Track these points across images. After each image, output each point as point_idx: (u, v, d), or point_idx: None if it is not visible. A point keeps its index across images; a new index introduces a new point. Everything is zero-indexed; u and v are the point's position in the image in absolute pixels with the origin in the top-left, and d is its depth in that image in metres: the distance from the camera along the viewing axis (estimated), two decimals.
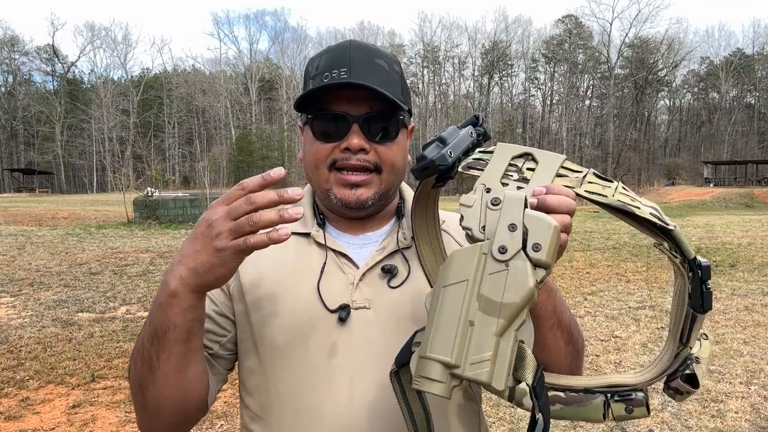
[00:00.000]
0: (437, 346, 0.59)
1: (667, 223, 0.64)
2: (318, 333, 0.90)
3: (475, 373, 0.57)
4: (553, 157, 0.71)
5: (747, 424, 3.66)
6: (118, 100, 65.76)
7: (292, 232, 0.99)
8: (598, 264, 9.70)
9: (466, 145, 0.73)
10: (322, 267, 0.94)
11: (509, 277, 0.59)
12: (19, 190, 52.31)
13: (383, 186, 0.94)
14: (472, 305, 0.59)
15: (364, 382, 0.89)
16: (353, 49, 0.91)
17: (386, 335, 0.90)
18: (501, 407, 3.89)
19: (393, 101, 0.89)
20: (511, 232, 0.60)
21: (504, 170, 0.69)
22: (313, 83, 0.90)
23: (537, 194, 0.66)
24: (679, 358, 0.71)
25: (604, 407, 0.71)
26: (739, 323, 5.97)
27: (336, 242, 0.97)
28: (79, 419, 3.81)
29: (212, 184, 21.33)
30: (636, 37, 63.02)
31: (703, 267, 0.65)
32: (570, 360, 0.88)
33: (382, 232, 1.00)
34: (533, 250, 0.59)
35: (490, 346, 0.58)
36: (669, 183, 47.26)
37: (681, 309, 0.69)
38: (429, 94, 72.21)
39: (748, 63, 65.06)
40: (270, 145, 64.27)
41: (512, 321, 0.59)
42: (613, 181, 0.68)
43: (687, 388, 0.71)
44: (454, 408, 0.95)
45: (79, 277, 8.70)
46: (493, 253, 0.60)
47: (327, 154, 0.91)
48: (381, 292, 0.93)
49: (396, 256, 0.96)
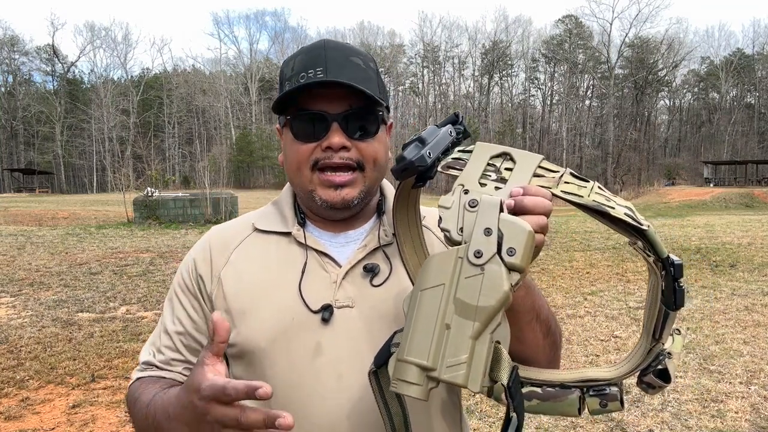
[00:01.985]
0: (414, 349, 0.60)
1: (641, 223, 0.65)
2: (302, 334, 0.90)
3: (451, 376, 0.59)
4: (531, 157, 0.71)
5: (747, 424, 3.65)
6: (118, 100, 65.76)
7: (272, 231, 0.99)
8: (598, 264, 9.70)
9: (445, 144, 0.73)
10: (303, 267, 0.94)
11: (484, 281, 0.60)
12: (19, 190, 52.29)
13: (367, 183, 0.94)
14: (448, 309, 0.60)
15: (350, 381, 0.89)
16: (328, 48, 0.91)
17: (370, 333, 0.91)
18: (501, 407, 3.89)
19: (371, 96, 0.89)
20: (487, 237, 0.61)
21: (482, 170, 0.70)
22: (289, 84, 0.90)
23: (514, 195, 0.67)
24: (651, 353, 0.73)
25: (579, 402, 0.73)
26: (739, 323, 5.97)
27: (317, 241, 0.97)
28: (79, 419, 3.81)
29: (212, 184, 21.32)
30: (636, 37, 63.07)
31: (675, 265, 0.66)
32: (548, 351, 0.89)
33: (363, 230, 1.00)
34: (508, 254, 0.60)
35: (466, 348, 0.59)
36: (669, 183, 47.24)
37: (654, 306, 0.70)
38: (429, 94, 72.22)
39: (748, 63, 65.04)
40: (270, 145, 64.24)
41: (487, 324, 0.60)
42: (589, 181, 0.69)
43: (659, 382, 0.73)
44: (436, 402, 0.96)
45: (79, 277, 8.70)
46: (469, 257, 0.61)
47: (308, 154, 0.91)
48: (364, 290, 0.93)
49: (377, 254, 0.96)
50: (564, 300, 7.08)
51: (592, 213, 0.67)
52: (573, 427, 3.63)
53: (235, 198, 19.73)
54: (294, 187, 0.99)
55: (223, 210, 18.25)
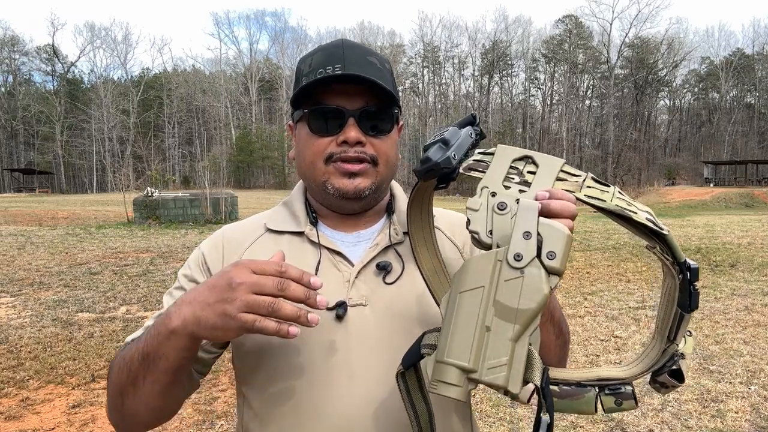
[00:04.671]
0: (455, 351, 0.60)
1: (662, 227, 0.67)
2: (316, 331, 0.90)
3: (492, 378, 0.59)
4: (553, 161, 0.71)
5: (747, 424, 3.65)
6: (118, 100, 65.76)
7: (285, 231, 1.00)
8: (598, 264, 9.70)
9: (467, 146, 0.74)
10: (317, 265, 0.94)
11: (524, 284, 0.60)
12: (19, 190, 52.29)
13: (379, 178, 0.95)
14: (488, 311, 0.61)
15: (363, 379, 0.89)
16: (346, 47, 0.92)
17: (384, 331, 0.91)
18: (501, 407, 3.89)
19: (388, 93, 0.90)
20: (526, 240, 0.61)
21: (506, 173, 0.70)
22: (307, 80, 0.91)
23: (540, 198, 0.67)
24: (666, 354, 0.74)
25: (595, 400, 0.74)
26: (739, 323, 5.97)
27: (330, 240, 0.97)
28: (79, 419, 3.81)
29: (212, 184, 21.31)
30: (636, 37, 63.07)
31: (692, 269, 0.68)
32: (558, 351, 0.92)
33: (374, 230, 1.00)
34: (548, 257, 0.61)
35: (506, 351, 0.60)
36: (669, 183, 47.25)
37: (670, 308, 0.72)
38: (429, 94, 72.23)
39: (748, 63, 65.04)
40: (270, 145, 64.29)
41: (527, 326, 0.61)
42: (610, 185, 0.70)
43: (673, 382, 0.74)
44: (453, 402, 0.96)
45: (79, 277, 8.70)
46: (508, 260, 0.61)
47: (323, 148, 0.92)
48: (377, 288, 0.93)
49: (389, 252, 0.96)
50: (564, 300, 7.08)
51: (614, 217, 0.68)
52: (573, 426, 3.63)
53: (235, 198, 19.74)
54: (306, 181, 1.00)
55: (223, 210, 18.25)
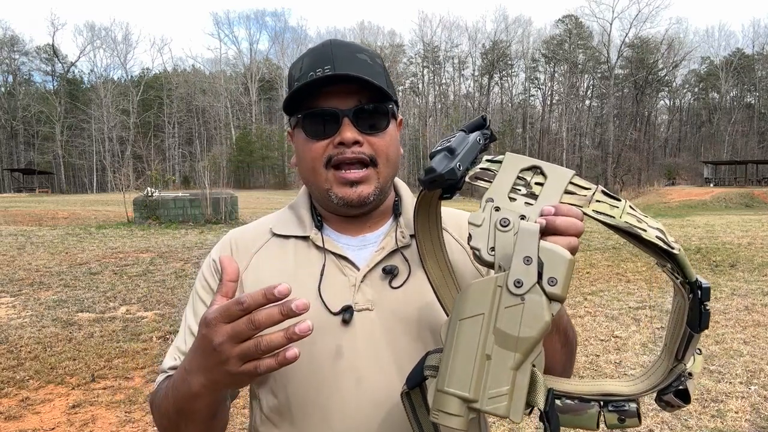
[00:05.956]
0: (455, 380, 0.59)
1: (672, 246, 0.64)
2: (322, 336, 0.90)
3: (493, 407, 0.59)
4: (563, 172, 0.69)
5: (747, 424, 3.66)
6: (118, 100, 65.75)
7: (290, 235, 0.99)
8: (598, 264, 9.69)
9: (474, 153, 0.72)
10: (322, 270, 0.94)
11: (525, 312, 0.59)
12: (19, 190, 52.25)
13: (381, 179, 0.94)
14: (488, 339, 0.60)
15: (370, 383, 0.89)
16: (334, 46, 0.92)
17: (390, 336, 0.91)
18: None
19: (380, 90, 0.89)
20: (527, 266, 0.59)
21: (512, 184, 0.68)
22: (298, 84, 0.90)
23: (545, 214, 0.65)
24: (673, 373, 0.72)
25: (598, 416, 0.72)
26: (739, 323, 5.97)
27: (335, 244, 0.97)
28: (79, 419, 3.81)
29: (212, 184, 21.29)
30: (636, 37, 63.05)
31: (703, 288, 0.66)
32: (564, 359, 0.90)
33: (380, 233, 0.99)
34: (549, 284, 0.59)
35: (507, 380, 0.59)
36: (669, 183, 47.23)
37: (679, 327, 0.69)
38: (429, 94, 72.22)
39: (748, 63, 65.01)
40: (270, 145, 64.30)
41: (528, 354, 0.59)
42: (621, 200, 0.68)
43: (678, 402, 0.72)
44: None
45: (79, 277, 8.70)
46: (508, 286, 0.59)
47: (321, 151, 0.92)
48: (383, 293, 0.93)
49: (396, 256, 0.95)
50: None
51: (624, 234, 0.66)
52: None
53: (235, 198, 19.72)
54: (310, 188, 0.99)
55: (223, 210, 18.24)
